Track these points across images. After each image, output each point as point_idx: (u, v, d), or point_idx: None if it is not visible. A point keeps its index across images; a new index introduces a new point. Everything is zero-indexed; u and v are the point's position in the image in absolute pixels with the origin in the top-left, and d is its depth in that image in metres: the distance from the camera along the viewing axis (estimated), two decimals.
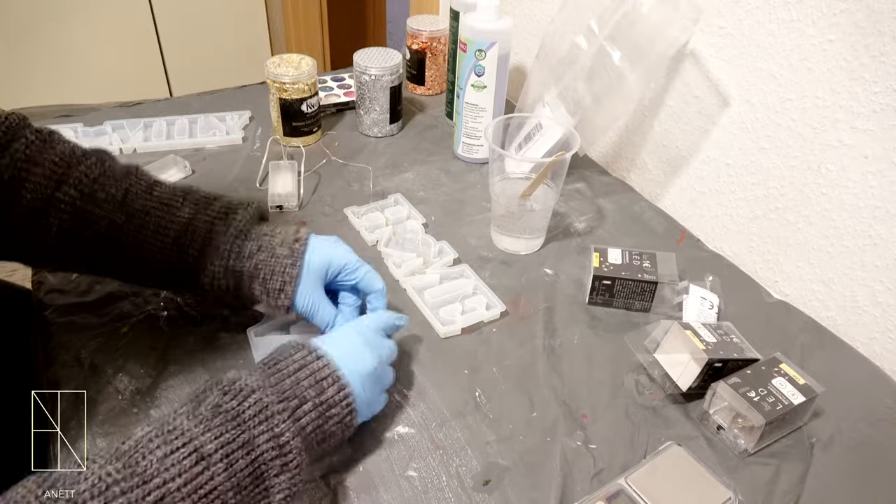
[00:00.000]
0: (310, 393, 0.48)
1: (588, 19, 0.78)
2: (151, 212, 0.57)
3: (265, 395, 0.46)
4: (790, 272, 0.76)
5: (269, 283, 0.58)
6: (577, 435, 0.57)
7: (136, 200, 0.57)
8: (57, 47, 1.85)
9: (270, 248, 0.58)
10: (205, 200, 0.59)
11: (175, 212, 0.57)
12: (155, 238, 0.57)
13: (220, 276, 0.57)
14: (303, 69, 0.89)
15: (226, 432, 0.43)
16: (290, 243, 0.58)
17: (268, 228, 0.60)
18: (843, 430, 0.59)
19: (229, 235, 0.57)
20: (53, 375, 0.59)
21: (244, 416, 0.44)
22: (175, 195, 0.58)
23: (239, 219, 0.58)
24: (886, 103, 0.62)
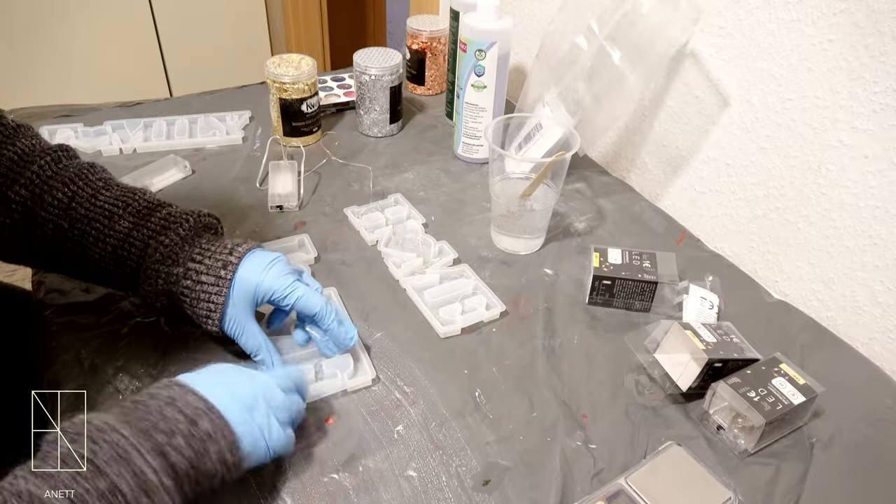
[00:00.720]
0: (181, 426, 0.42)
1: (588, 19, 0.78)
2: (93, 220, 0.57)
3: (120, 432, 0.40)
4: (790, 272, 0.76)
5: (196, 309, 0.57)
6: (577, 435, 0.57)
7: (80, 207, 0.57)
8: (57, 47, 1.85)
9: (196, 274, 0.56)
10: (146, 211, 0.58)
11: (115, 223, 0.57)
12: (95, 247, 0.57)
13: (152, 296, 0.58)
14: (303, 69, 0.89)
15: (77, 483, 0.37)
16: (217, 271, 0.56)
17: (201, 251, 0.57)
18: (843, 430, 0.59)
19: (156, 260, 0.56)
20: (53, 375, 0.59)
21: (99, 461, 0.39)
22: (117, 204, 0.58)
23: (168, 241, 0.56)
24: (886, 103, 0.62)
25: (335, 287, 0.70)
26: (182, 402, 0.44)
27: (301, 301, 0.58)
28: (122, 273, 0.58)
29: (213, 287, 0.56)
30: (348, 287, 0.71)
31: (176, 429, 0.42)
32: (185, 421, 0.43)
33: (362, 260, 0.75)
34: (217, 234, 0.63)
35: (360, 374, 0.61)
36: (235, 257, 0.57)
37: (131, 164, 0.87)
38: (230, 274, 0.56)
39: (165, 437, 0.42)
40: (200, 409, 0.44)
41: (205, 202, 0.82)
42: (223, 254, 0.57)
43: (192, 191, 0.84)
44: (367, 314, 0.68)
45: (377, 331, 0.66)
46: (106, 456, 0.39)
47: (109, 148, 0.90)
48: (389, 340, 0.65)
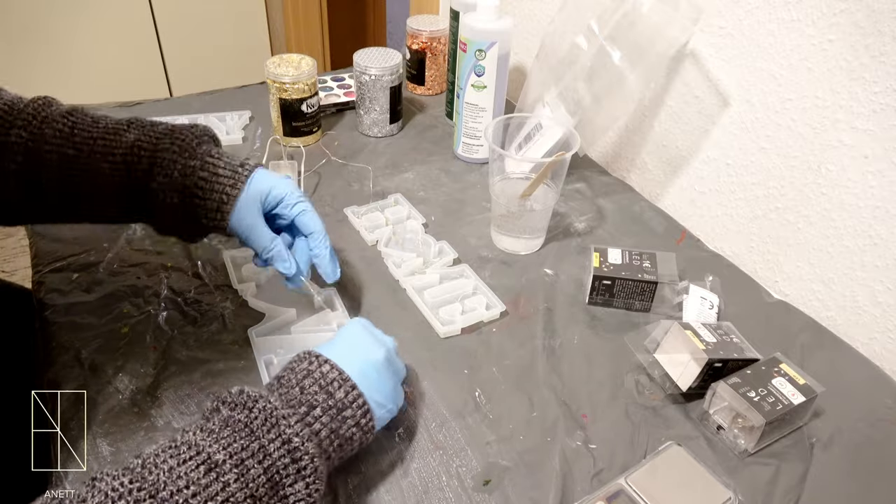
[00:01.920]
0: (319, 398, 0.47)
1: (588, 19, 0.78)
2: (98, 139, 0.57)
3: (269, 401, 0.45)
4: (790, 272, 0.76)
5: (208, 201, 0.57)
6: (577, 435, 0.57)
7: (82, 132, 0.58)
8: (57, 47, 1.85)
9: (213, 167, 0.58)
10: (150, 124, 0.60)
11: (121, 136, 0.58)
12: (103, 162, 0.57)
13: (164, 190, 0.57)
14: (303, 69, 0.89)
15: (235, 441, 0.42)
16: (233, 167, 0.59)
17: (217, 151, 0.60)
18: (843, 430, 0.59)
19: (173, 152, 0.57)
20: (53, 375, 0.59)
21: (253, 426, 0.44)
22: (120, 123, 0.59)
23: (183, 137, 0.58)
24: (886, 103, 0.62)
25: (335, 287, 0.70)
26: (317, 373, 0.49)
27: (306, 214, 0.61)
28: (133, 181, 0.58)
29: (229, 180, 0.58)
30: (348, 287, 0.71)
31: (314, 400, 0.47)
32: (322, 392, 0.48)
33: (362, 260, 0.75)
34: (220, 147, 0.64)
35: None
36: (251, 163, 0.60)
37: None
38: (246, 172, 0.59)
39: (307, 409, 0.46)
40: (335, 379, 0.49)
41: None
42: (239, 159, 0.60)
43: None
44: (368, 314, 0.68)
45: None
46: (259, 422, 0.44)
47: None
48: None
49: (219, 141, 0.64)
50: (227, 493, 0.40)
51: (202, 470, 0.40)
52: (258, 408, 0.44)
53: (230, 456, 0.42)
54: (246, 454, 0.42)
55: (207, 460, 0.41)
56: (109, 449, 0.53)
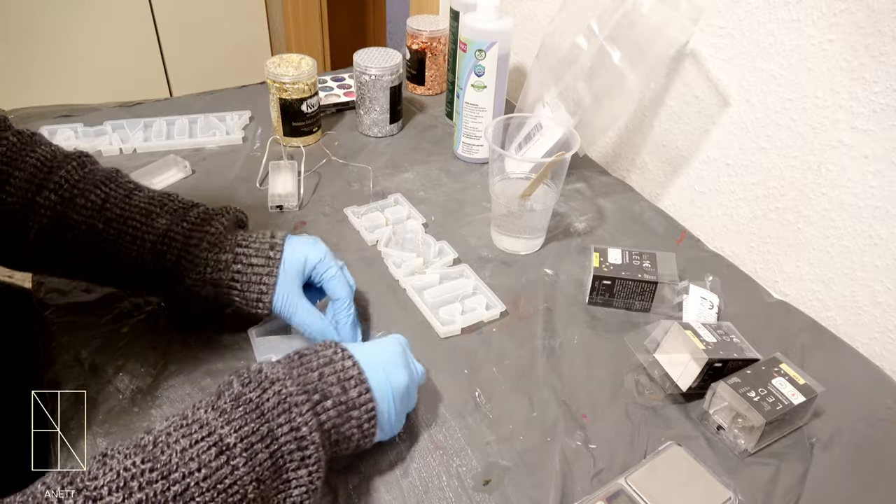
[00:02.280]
0: (333, 390, 0.47)
1: (588, 19, 0.78)
2: (129, 219, 0.57)
3: (286, 385, 0.46)
4: (790, 272, 0.76)
5: (247, 293, 0.58)
6: (577, 435, 0.57)
7: (114, 207, 0.57)
8: (57, 47, 1.85)
9: (247, 258, 0.58)
10: (182, 209, 0.60)
11: (153, 220, 0.58)
12: (133, 245, 0.57)
13: (198, 287, 0.58)
14: (303, 69, 0.89)
15: (246, 424, 0.43)
16: (265, 252, 0.59)
17: (244, 237, 0.60)
18: (843, 430, 0.59)
19: (203, 248, 0.57)
20: (53, 375, 0.59)
21: (264, 408, 0.44)
22: (153, 203, 0.59)
23: (213, 230, 0.58)
24: (886, 103, 0.62)
25: None
26: (339, 364, 0.49)
27: (335, 280, 0.61)
28: (160, 270, 0.58)
29: (264, 268, 0.58)
30: None
31: (329, 391, 0.47)
32: (338, 385, 0.48)
33: (362, 260, 0.75)
34: (247, 228, 0.65)
35: None
36: (280, 238, 0.60)
37: (131, 164, 0.86)
38: (278, 253, 0.59)
39: (319, 398, 0.47)
40: (353, 376, 0.49)
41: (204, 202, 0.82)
42: (267, 238, 0.60)
43: (192, 191, 0.84)
44: (368, 314, 0.68)
45: (377, 331, 0.66)
46: (271, 405, 0.44)
47: (109, 148, 0.90)
48: None
49: (246, 220, 0.65)
50: (235, 476, 0.41)
51: (213, 452, 0.41)
52: (273, 390, 0.45)
53: (241, 439, 0.42)
54: (255, 438, 0.43)
55: (219, 442, 0.41)
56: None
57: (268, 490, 0.43)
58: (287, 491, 0.44)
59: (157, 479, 0.38)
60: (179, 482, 0.39)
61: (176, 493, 0.39)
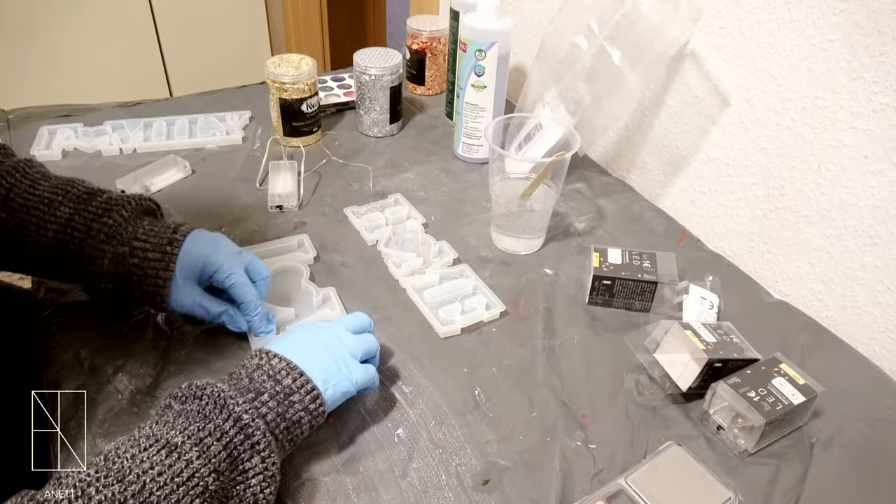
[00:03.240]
0: (266, 385, 0.49)
1: (588, 19, 0.78)
2: (32, 209, 0.58)
3: (217, 386, 0.47)
4: (790, 272, 0.76)
5: (144, 286, 0.58)
6: (577, 435, 0.57)
7: (18, 197, 0.58)
8: (57, 47, 1.85)
9: (143, 251, 0.58)
10: (86, 197, 0.60)
11: (55, 209, 0.58)
12: (36, 234, 0.58)
13: (97, 278, 0.58)
14: (303, 69, 0.89)
15: (191, 425, 0.45)
16: (163, 247, 0.58)
17: (145, 230, 0.59)
18: (843, 430, 0.59)
19: (100, 240, 0.57)
20: (53, 375, 0.59)
21: (206, 411, 0.46)
22: (56, 192, 0.59)
23: (112, 222, 0.58)
24: (886, 103, 0.62)
25: (335, 287, 0.70)
26: (266, 366, 0.51)
27: (235, 288, 0.61)
28: (64, 259, 0.58)
29: (160, 262, 0.58)
30: (348, 287, 0.71)
31: (263, 388, 0.49)
32: (270, 380, 0.50)
33: (362, 260, 0.75)
34: (157, 217, 0.64)
35: None
36: (181, 234, 0.60)
37: (131, 164, 0.87)
38: (176, 249, 0.59)
39: (254, 395, 0.48)
40: (282, 368, 0.50)
41: (204, 202, 0.82)
42: (167, 232, 0.59)
43: (192, 191, 0.84)
44: (367, 314, 0.68)
45: (377, 331, 0.66)
46: (210, 406, 0.46)
47: (109, 148, 0.90)
48: (389, 340, 0.65)
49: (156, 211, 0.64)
50: (191, 469, 0.42)
51: (164, 453, 0.42)
52: (207, 394, 0.47)
53: (188, 437, 0.44)
54: (203, 434, 0.44)
55: (167, 444, 0.43)
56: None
57: (228, 481, 0.45)
58: (246, 482, 0.46)
59: (112, 482, 0.40)
60: (135, 482, 0.40)
61: (134, 491, 0.40)
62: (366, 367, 0.56)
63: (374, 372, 0.56)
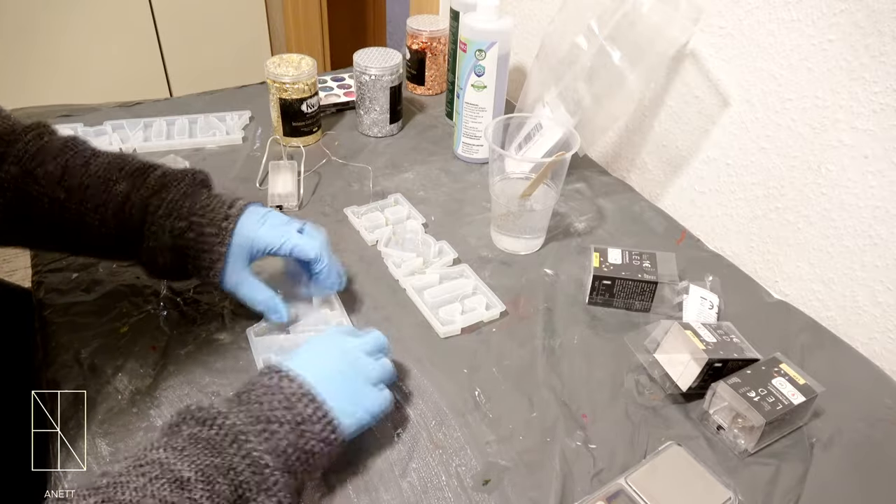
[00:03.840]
0: (278, 414, 0.47)
1: (588, 19, 0.78)
2: (89, 188, 0.57)
3: (235, 418, 0.45)
4: (790, 272, 0.76)
5: (198, 261, 0.58)
6: (577, 435, 0.57)
7: (73, 176, 0.57)
8: (57, 47, 1.85)
9: (199, 227, 0.58)
10: (140, 172, 0.59)
11: (112, 187, 0.58)
12: (95, 214, 0.57)
13: (155, 254, 0.58)
14: (303, 69, 0.89)
15: (202, 458, 0.42)
16: (219, 222, 0.58)
17: (202, 204, 0.59)
18: (843, 430, 0.59)
19: (160, 216, 0.58)
20: (53, 375, 0.59)
21: (217, 441, 0.44)
22: (111, 169, 0.59)
23: (170, 197, 0.58)
24: (886, 103, 0.62)
25: None
26: (277, 388, 0.48)
27: (296, 249, 0.61)
28: (124, 236, 0.58)
29: (216, 238, 0.58)
30: (348, 287, 0.71)
31: (274, 416, 0.46)
32: (282, 407, 0.47)
33: (362, 260, 0.75)
34: (211, 189, 0.64)
35: None
36: (236, 210, 0.60)
37: None
38: (231, 224, 0.59)
39: (268, 424, 0.46)
40: (296, 394, 0.48)
41: None
42: (223, 208, 0.60)
43: None
44: (367, 314, 0.68)
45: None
46: (223, 438, 0.44)
47: (109, 148, 0.90)
48: (389, 340, 0.65)
49: (210, 183, 0.64)
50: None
51: (171, 487, 0.40)
52: (218, 424, 0.45)
53: (198, 472, 0.42)
54: (213, 470, 0.42)
55: (178, 478, 0.41)
56: (109, 449, 0.53)
57: None
58: None
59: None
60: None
61: None
62: (383, 394, 0.54)
63: (390, 398, 0.54)
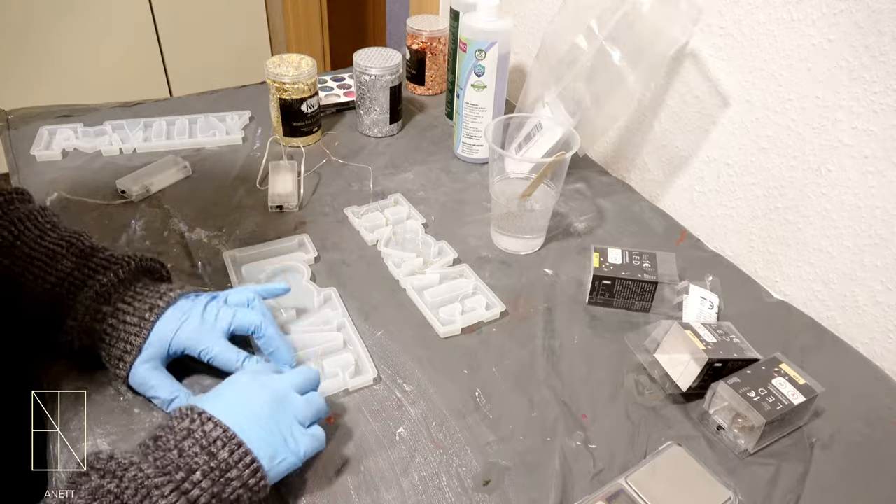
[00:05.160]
0: (199, 460, 0.43)
1: (588, 19, 0.78)
2: (35, 260, 0.57)
3: (142, 469, 0.42)
4: (790, 272, 0.76)
5: (112, 349, 0.55)
6: (577, 435, 0.57)
7: (24, 246, 0.57)
8: (57, 47, 1.85)
9: (123, 314, 0.55)
10: (89, 251, 0.58)
11: (57, 263, 0.57)
12: (34, 284, 0.56)
13: (74, 334, 0.55)
14: (303, 69, 0.89)
15: None
16: (143, 312, 0.55)
17: (134, 292, 0.57)
18: (843, 430, 0.59)
19: (89, 297, 0.55)
20: (53, 375, 0.59)
21: (124, 497, 0.40)
22: (61, 244, 0.58)
23: (106, 280, 0.56)
24: (886, 103, 0.62)
25: (335, 287, 0.70)
26: (199, 433, 0.45)
27: (216, 360, 0.57)
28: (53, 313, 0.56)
29: (135, 328, 0.55)
30: (348, 287, 0.71)
31: (194, 464, 0.43)
32: (203, 453, 0.44)
33: (362, 260, 0.75)
34: (160, 278, 0.62)
35: (361, 373, 0.61)
36: (164, 301, 0.56)
37: (131, 164, 0.87)
38: (154, 317, 0.55)
39: (185, 475, 0.43)
40: (218, 437, 0.45)
41: (204, 202, 0.82)
42: (153, 297, 0.57)
43: (192, 191, 0.84)
44: (367, 314, 0.68)
45: (377, 331, 0.66)
46: (131, 492, 0.40)
47: (109, 148, 0.90)
48: (389, 340, 0.65)
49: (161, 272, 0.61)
50: None
51: None
52: (128, 477, 0.41)
53: None
54: None
55: None
56: (109, 449, 0.53)
57: None
58: None
59: None
60: None
61: None
62: (312, 433, 0.50)
63: (321, 437, 0.51)
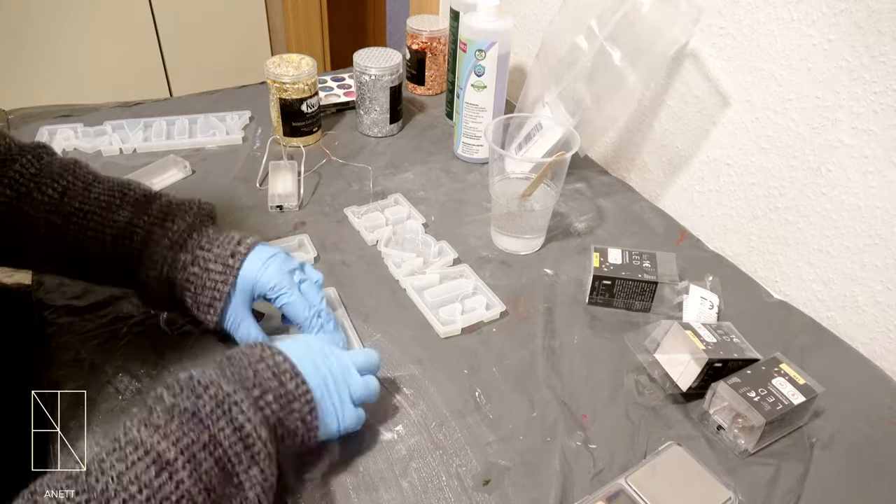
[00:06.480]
0: (271, 384, 0.46)
1: (588, 19, 0.78)
2: (89, 214, 0.56)
3: (221, 387, 0.44)
4: (790, 272, 0.76)
5: (200, 297, 0.56)
6: (577, 435, 0.57)
7: (73, 201, 0.56)
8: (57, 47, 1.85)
9: (204, 262, 0.56)
10: (144, 201, 0.58)
11: (113, 214, 0.56)
12: (93, 240, 0.56)
13: (153, 285, 0.57)
14: (303, 69, 0.89)
15: (185, 435, 0.41)
16: (224, 258, 0.57)
17: (209, 238, 0.58)
18: (843, 430, 0.59)
19: (163, 245, 0.56)
20: (53, 375, 0.59)
21: (202, 414, 0.42)
22: (113, 195, 0.57)
23: (175, 227, 0.57)
24: (886, 103, 0.62)
25: (335, 287, 0.70)
26: (271, 360, 0.47)
27: (287, 307, 0.59)
28: (122, 266, 0.57)
29: (220, 275, 0.56)
30: (348, 287, 0.71)
31: (267, 386, 0.46)
32: (274, 379, 0.46)
33: (362, 260, 0.75)
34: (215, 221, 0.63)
35: None
36: (244, 247, 0.58)
37: (131, 164, 0.87)
38: (238, 263, 0.57)
39: (259, 392, 0.45)
40: (287, 370, 0.47)
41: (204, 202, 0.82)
42: (231, 244, 0.58)
43: (192, 191, 0.84)
44: (367, 314, 0.68)
45: (377, 331, 0.66)
46: (209, 409, 0.42)
47: (109, 148, 0.90)
48: (389, 340, 0.65)
49: (215, 215, 0.62)
50: (181, 490, 0.39)
51: (153, 471, 0.38)
52: (208, 395, 0.43)
53: (181, 452, 0.40)
54: (197, 447, 0.41)
55: (158, 459, 0.39)
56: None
57: (220, 497, 0.41)
58: (242, 493, 0.43)
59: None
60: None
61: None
62: (358, 414, 0.52)
63: (363, 419, 0.53)
